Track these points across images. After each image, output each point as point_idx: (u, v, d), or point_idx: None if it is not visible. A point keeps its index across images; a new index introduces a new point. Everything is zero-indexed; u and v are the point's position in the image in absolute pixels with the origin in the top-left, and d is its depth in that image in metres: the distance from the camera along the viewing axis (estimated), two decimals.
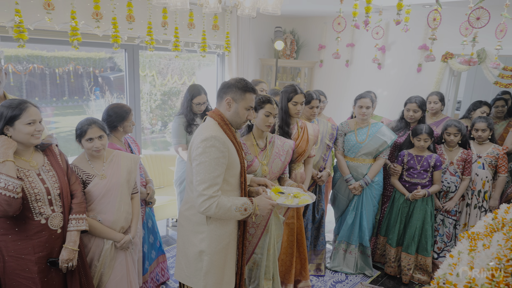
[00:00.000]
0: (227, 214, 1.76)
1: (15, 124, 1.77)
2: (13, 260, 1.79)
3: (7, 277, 1.80)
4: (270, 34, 5.06)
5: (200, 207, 1.73)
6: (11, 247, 1.78)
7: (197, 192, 1.73)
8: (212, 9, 2.20)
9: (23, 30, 2.87)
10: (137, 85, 3.93)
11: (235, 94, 1.86)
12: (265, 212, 1.87)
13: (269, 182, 2.14)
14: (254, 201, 1.85)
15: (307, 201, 2.07)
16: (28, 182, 1.78)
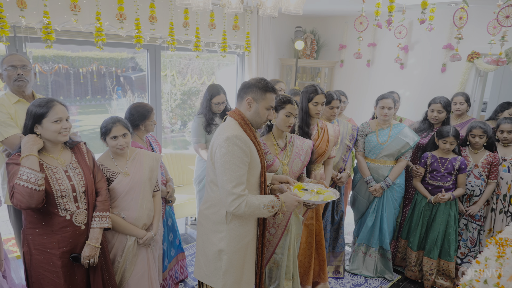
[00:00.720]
0: (256, 212, 1.77)
1: (43, 122, 1.82)
2: (39, 254, 1.85)
3: (33, 269, 1.87)
4: (290, 34, 5.05)
5: (230, 206, 1.74)
6: (37, 241, 1.84)
7: (225, 191, 1.74)
8: (234, 9, 2.21)
9: (50, 31, 2.96)
10: (158, 84, 3.99)
11: (256, 94, 1.86)
12: (292, 209, 1.87)
13: (291, 179, 2.13)
14: (280, 198, 1.85)
15: (331, 197, 2.05)
16: (55, 178, 1.83)
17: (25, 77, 2.36)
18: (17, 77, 2.34)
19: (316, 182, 2.35)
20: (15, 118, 2.33)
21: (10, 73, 2.34)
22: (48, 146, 1.88)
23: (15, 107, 2.36)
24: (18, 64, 2.35)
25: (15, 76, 2.34)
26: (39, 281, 1.87)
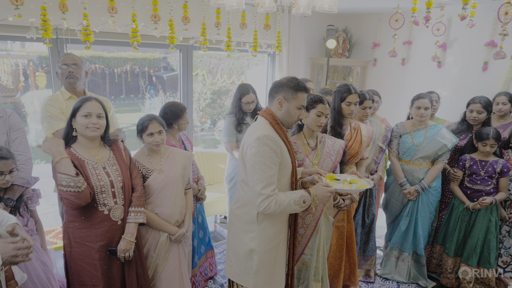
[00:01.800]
0: (286, 209, 1.75)
1: (76, 116, 1.90)
2: (78, 246, 1.93)
3: (72, 261, 1.95)
4: (322, 33, 4.97)
5: (259, 207, 1.73)
6: (77, 234, 1.92)
7: (255, 192, 1.73)
8: (267, 8, 2.20)
9: (89, 32, 3.08)
10: (190, 84, 4.06)
11: (287, 93, 1.84)
12: (325, 201, 1.82)
13: (321, 170, 2.08)
14: (311, 191, 1.82)
15: (365, 186, 1.99)
16: (95, 174, 1.90)
17: (76, 75, 2.55)
18: (68, 75, 2.54)
19: (349, 173, 2.29)
20: (66, 113, 2.50)
21: (63, 71, 2.54)
22: (85, 142, 1.95)
23: (66, 103, 2.53)
24: (70, 63, 2.55)
25: (67, 74, 2.54)
26: (78, 272, 1.95)
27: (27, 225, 2.13)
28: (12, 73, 6.96)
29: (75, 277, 1.96)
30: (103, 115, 1.95)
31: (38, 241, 2.24)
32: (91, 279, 1.94)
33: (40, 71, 7.48)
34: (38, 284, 2.12)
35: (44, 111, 2.48)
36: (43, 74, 7.53)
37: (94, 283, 1.94)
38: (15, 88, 7.10)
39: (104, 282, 1.95)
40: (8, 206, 2.02)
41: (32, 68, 7.24)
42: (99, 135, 1.97)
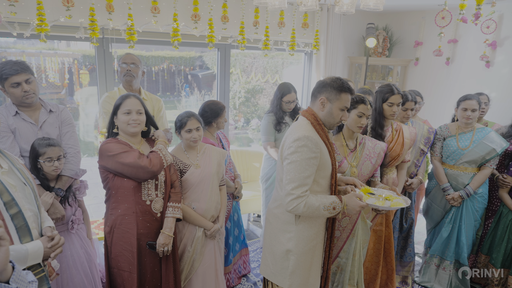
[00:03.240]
0: (315, 213, 1.73)
1: (118, 113, 1.98)
2: (120, 232, 2.01)
3: (113, 246, 2.04)
4: (361, 31, 4.86)
5: (288, 206, 1.73)
6: (119, 220, 2.00)
7: (285, 191, 1.73)
8: (309, 7, 2.17)
9: (133, 32, 3.19)
10: (227, 83, 4.10)
11: (330, 94, 1.81)
12: (353, 213, 1.81)
13: (358, 181, 2.05)
14: (343, 199, 1.79)
15: (400, 205, 1.93)
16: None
17: (133, 73, 2.70)
18: (126, 73, 2.69)
19: (388, 188, 2.22)
20: None
21: (122, 69, 2.70)
22: (128, 138, 2.02)
23: None
24: (129, 62, 2.71)
25: (125, 72, 2.69)
26: (117, 257, 2.03)
27: (75, 214, 2.24)
28: (58, 71, 7.34)
29: (114, 262, 2.05)
30: (142, 111, 2.00)
31: (84, 230, 2.36)
32: (128, 265, 2.02)
33: (84, 69, 7.84)
34: (81, 271, 2.23)
35: (101, 107, 2.63)
36: (86, 72, 7.89)
37: (131, 269, 2.02)
38: (61, 85, 7.48)
39: (138, 270, 2.03)
40: (58, 195, 2.14)
41: (77, 66, 7.60)
42: (139, 131, 2.04)
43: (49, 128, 2.23)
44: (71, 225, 2.22)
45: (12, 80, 2.04)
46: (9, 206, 1.43)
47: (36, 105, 2.21)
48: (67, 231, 2.21)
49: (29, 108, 2.18)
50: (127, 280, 2.02)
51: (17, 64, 2.06)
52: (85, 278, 2.21)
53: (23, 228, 1.47)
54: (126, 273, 2.02)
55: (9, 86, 2.06)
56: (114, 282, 2.07)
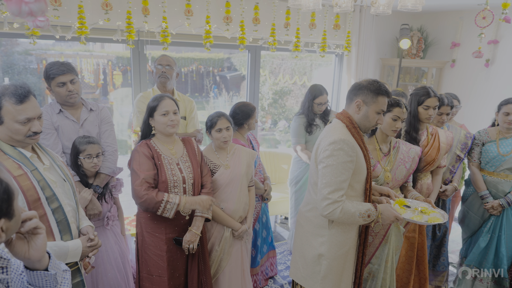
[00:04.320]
0: (350, 219, 1.71)
1: (154, 115, 2.01)
2: (149, 236, 2.04)
3: (143, 249, 2.07)
4: (394, 32, 4.74)
5: (324, 211, 1.70)
6: (148, 225, 2.04)
7: (321, 195, 1.71)
8: (344, 8, 2.14)
9: (167, 34, 3.27)
10: (257, 84, 4.12)
11: (366, 97, 1.78)
12: (387, 223, 1.77)
13: (392, 192, 2.01)
14: (378, 208, 1.76)
15: (438, 220, 1.87)
16: (170, 169, 2.00)
17: (167, 75, 2.75)
18: (161, 74, 2.75)
19: (422, 199, 2.16)
20: None
21: (157, 70, 2.76)
22: (163, 137, 2.06)
23: None
24: (164, 63, 2.76)
25: (160, 73, 2.74)
26: (146, 261, 2.06)
27: (111, 211, 2.32)
28: (93, 72, 7.63)
29: (144, 266, 2.07)
30: (177, 111, 2.04)
31: (118, 227, 2.43)
32: (158, 269, 2.04)
33: (117, 70, 8.11)
34: (114, 266, 2.30)
35: (135, 107, 2.71)
36: (119, 73, 8.15)
37: (160, 274, 2.03)
38: (96, 85, 7.76)
39: (169, 274, 2.04)
40: (96, 192, 2.22)
41: (111, 67, 7.87)
42: (176, 131, 2.07)
43: (90, 126, 2.32)
44: (106, 221, 2.30)
45: (58, 80, 2.15)
46: (50, 201, 1.50)
47: (78, 104, 2.31)
48: (103, 226, 2.29)
49: (71, 107, 2.28)
50: (157, 284, 2.04)
51: (64, 65, 2.16)
52: (118, 273, 2.28)
53: (63, 222, 1.54)
54: (156, 278, 2.04)
55: (55, 85, 2.17)
56: (143, 286, 2.09)
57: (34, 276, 1.00)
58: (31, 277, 1.00)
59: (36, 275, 1.00)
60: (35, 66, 6.94)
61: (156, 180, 1.98)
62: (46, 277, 1.01)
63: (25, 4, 1.30)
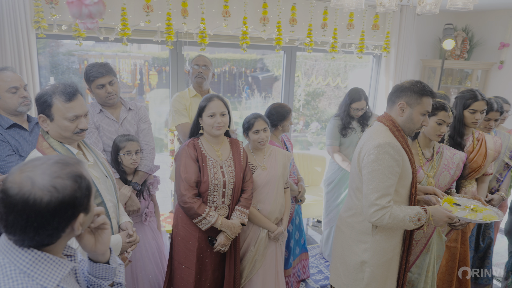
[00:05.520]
0: (399, 224, 1.65)
1: (203, 115, 2.04)
2: (183, 231, 2.09)
3: (176, 242, 2.13)
4: (437, 32, 4.54)
5: (371, 217, 1.66)
6: (184, 220, 2.08)
7: (368, 202, 1.66)
8: (388, 8, 2.08)
9: (205, 35, 3.32)
10: (292, 86, 4.09)
11: (410, 98, 1.72)
12: (440, 224, 1.70)
13: (438, 191, 1.92)
14: (428, 210, 1.69)
15: (493, 218, 1.77)
16: (212, 172, 2.03)
17: (204, 75, 2.75)
18: (198, 74, 2.75)
19: (469, 197, 2.05)
20: (188, 110, 2.73)
21: (194, 70, 2.76)
22: (210, 138, 2.09)
23: (191, 100, 2.76)
24: (201, 64, 2.76)
25: (196, 73, 2.75)
26: (178, 253, 2.11)
27: (148, 207, 2.38)
28: (131, 72, 7.89)
29: (176, 255, 2.14)
30: (225, 113, 2.05)
31: (155, 223, 2.49)
32: (187, 261, 2.09)
33: (153, 70, 8.34)
34: (152, 261, 2.36)
35: (172, 106, 2.75)
36: (155, 73, 8.38)
37: (189, 266, 2.09)
38: (132, 85, 8.03)
39: (196, 268, 2.09)
40: (135, 189, 2.29)
41: (147, 68, 8.11)
42: (223, 133, 2.10)
43: (129, 125, 2.39)
44: (144, 217, 2.36)
45: (97, 82, 2.23)
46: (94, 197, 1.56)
47: (117, 103, 2.39)
48: (141, 222, 2.36)
49: (111, 107, 2.36)
50: (186, 274, 2.10)
51: (102, 67, 2.24)
52: (156, 267, 2.33)
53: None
54: (185, 268, 2.10)
55: (94, 87, 2.25)
56: (174, 272, 2.17)
57: (97, 268, 1.06)
58: (93, 268, 1.07)
59: (98, 267, 1.06)
60: (77, 66, 7.27)
61: (199, 182, 2.02)
62: (107, 270, 1.07)
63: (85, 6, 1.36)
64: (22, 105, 1.97)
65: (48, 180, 0.83)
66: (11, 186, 0.82)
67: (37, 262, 0.86)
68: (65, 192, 0.84)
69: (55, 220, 0.84)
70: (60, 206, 0.83)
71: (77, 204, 0.87)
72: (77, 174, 0.88)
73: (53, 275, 0.88)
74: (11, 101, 1.94)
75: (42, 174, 0.84)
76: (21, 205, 0.81)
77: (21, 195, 0.80)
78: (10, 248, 0.86)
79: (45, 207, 0.82)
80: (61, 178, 0.85)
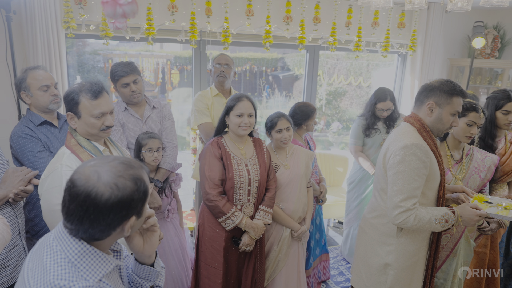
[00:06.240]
0: (425, 226, 1.61)
1: (230, 114, 2.04)
2: (210, 230, 2.10)
3: (203, 241, 2.14)
4: (466, 30, 4.40)
5: (396, 219, 1.62)
6: (210, 219, 2.09)
7: (393, 203, 1.62)
8: (417, 5, 2.02)
9: (228, 34, 3.33)
10: (314, 85, 4.05)
11: (439, 98, 1.67)
12: (471, 224, 1.63)
13: (468, 189, 1.85)
14: (456, 211, 1.63)
15: None
16: (238, 170, 2.03)
17: (226, 74, 2.74)
18: (219, 73, 2.73)
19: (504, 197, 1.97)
20: (210, 109, 2.74)
21: (216, 69, 2.76)
22: (234, 137, 2.10)
23: (213, 100, 2.77)
24: (222, 63, 2.75)
25: (218, 72, 2.74)
26: (205, 253, 2.12)
27: (170, 204, 2.41)
28: (153, 71, 8.01)
29: (202, 256, 2.14)
30: (253, 114, 2.05)
31: (178, 220, 2.52)
32: (214, 262, 2.09)
33: (175, 69, 8.45)
34: (175, 258, 2.39)
35: (194, 105, 2.77)
36: (177, 72, 8.49)
37: (216, 266, 2.09)
38: (155, 83, 8.16)
39: (224, 268, 2.09)
40: (157, 186, 2.32)
41: (169, 67, 8.21)
42: (248, 133, 2.10)
43: (152, 123, 2.43)
44: (166, 214, 2.39)
45: (122, 81, 2.27)
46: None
47: (142, 101, 2.43)
48: (163, 219, 2.39)
49: (135, 105, 2.40)
50: (213, 274, 2.10)
51: (127, 66, 2.27)
52: (178, 263, 2.36)
53: None
54: (212, 269, 2.10)
55: (120, 86, 2.29)
56: (200, 274, 2.17)
57: (141, 269, 1.09)
58: (138, 268, 1.09)
59: (143, 268, 1.09)
60: (102, 65, 7.45)
61: (224, 180, 2.02)
62: (151, 272, 1.10)
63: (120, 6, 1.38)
64: (52, 103, 2.03)
65: (112, 177, 0.87)
66: (79, 177, 0.87)
67: (84, 255, 0.89)
68: (125, 192, 0.87)
69: (109, 217, 0.87)
70: (117, 204, 0.87)
71: (133, 206, 0.90)
72: (138, 177, 0.91)
73: (97, 270, 0.91)
74: (43, 99, 2.00)
75: (108, 171, 0.88)
76: (83, 196, 0.85)
77: (86, 187, 0.85)
78: (64, 237, 0.90)
79: (104, 202, 0.85)
80: (123, 178, 0.88)
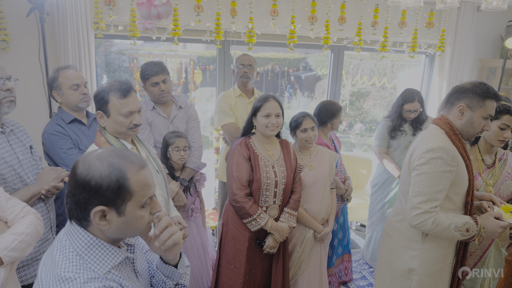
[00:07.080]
0: (444, 232, 1.56)
1: (257, 115, 2.04)
2: (233, 230, 2.11)
3: (226, 241, 2.15)
4: (498, 30, 4.24)
5: (412, 221, 1.58)
6: (234, 219, 2.10)
7: (411, 204, 1.59)
8: (449, 4, 1.96)
9: (253, 35, 3.33)
10: (338, 85, 4.00)
11: (471, 101, 1.61)
12: (494, 236, 1.58)
13: (496, 198, 1.78)
14: (479, 221, 1.58)
15: None
16: (265, 171, 2.03)
17: (249, 75, 2.75)
18: (243, 74, 2.74)
19: None
20: (234, 109, 2.75)
21: (239, 70, 2.76)
22: (262, 137, 2.10)
23: (236, 100, 2.78)
24: (246, 63, 2.75)
25: (241, 73, 2.74)
26: (227, 251, 2.13)
27: (194, 203, 2.44)
28: (177, 71, 8.13)
29: (224, 255, 2.15)
30: (280, 114, 2.05)
31: (200, 219, 2.55)
32: (236, 262, 2.10)
33: (198, 69, 8.55)
34: (197, 256, 2.41)
35: (217, 106, 2.79)
36: (199, 71, 8.58)
37: (238, 266, 2.09)
38: (178, 83, 8.28)
39: (246, 268, 2.09)
40: (182, 185, 2.35)
41: (192, 67, 8.31)
42: (275, 134, 2.10)
43: (179, 122, 2.47)
44: (190, 212, 2.42)
45: (152, 80, 2.31)
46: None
47: (169, 101, 2.47)
48: (187, 218, 2.42)
49: (163, 104, 2.44)
50: (234, 274, 2.10)
51: (157, 65, 2.32)
52: (199, 262, 2.39)
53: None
54: (234, 268, 2.11)
55: (149, 85, 2.34)
56: (221, 273, 2.18)
57: (165, 267, 1.11)
58: (162, 266, 1.11)
59: (166, 268, 1.10)
60: (127, 64, 7.62)
61: (251, 181, 2.03)
62: (174, 272, 1.11)
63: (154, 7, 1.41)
64: (82, 101, 2.09)
65: (92, 158, 0.90)
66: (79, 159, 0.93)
67: (92, 247, 0.91)
68: (95, 172, 0.88)
69: (80, 194, 0.88)
70: (83, 182, 0.88)
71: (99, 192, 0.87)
72: (116, 166, 0.89)
73: (105, 262, 0.92)
74: (73, 97, 2.07)
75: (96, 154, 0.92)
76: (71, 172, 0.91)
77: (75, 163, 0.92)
78: (71, 232, 0.93)
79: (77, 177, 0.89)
80: (99, 161, 0.89)
